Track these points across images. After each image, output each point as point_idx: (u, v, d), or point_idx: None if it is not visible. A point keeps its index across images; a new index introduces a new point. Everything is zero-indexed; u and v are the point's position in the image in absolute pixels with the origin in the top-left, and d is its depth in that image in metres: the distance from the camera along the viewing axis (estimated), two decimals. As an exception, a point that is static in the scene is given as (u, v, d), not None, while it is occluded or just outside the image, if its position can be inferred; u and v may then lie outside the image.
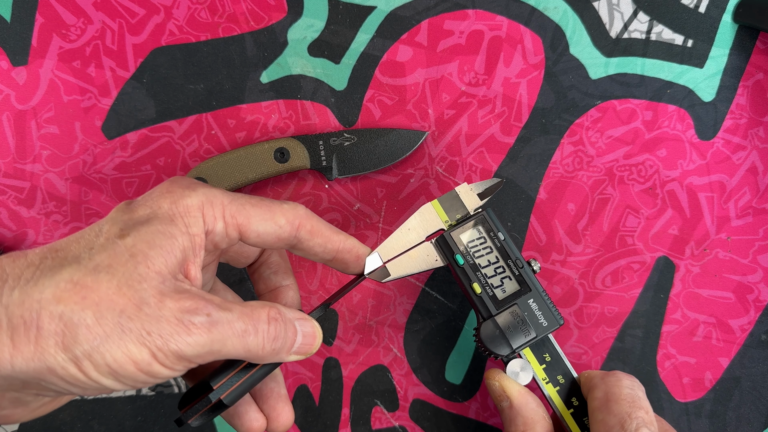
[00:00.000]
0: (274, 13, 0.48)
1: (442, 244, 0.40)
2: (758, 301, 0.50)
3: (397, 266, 0.39)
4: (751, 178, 0.49)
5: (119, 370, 0.26)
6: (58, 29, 0.47)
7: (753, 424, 0.50)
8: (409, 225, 0.40)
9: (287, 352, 0.33)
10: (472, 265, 0.40)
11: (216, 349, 0.28)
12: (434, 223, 0.40)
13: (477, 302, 0.40)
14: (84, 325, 0.26)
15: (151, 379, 0.28)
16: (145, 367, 0.27)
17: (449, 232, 0.40)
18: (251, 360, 0.32)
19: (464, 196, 0.41)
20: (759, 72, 0.49)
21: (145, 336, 0.26)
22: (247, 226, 0.33)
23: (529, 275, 0.40)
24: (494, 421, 0.50)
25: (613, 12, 0.48)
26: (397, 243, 0.40)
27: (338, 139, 0.47)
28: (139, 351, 0.26)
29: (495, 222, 0.40)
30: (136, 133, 0.48)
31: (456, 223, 0.41)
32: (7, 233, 0.48)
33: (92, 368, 0.26)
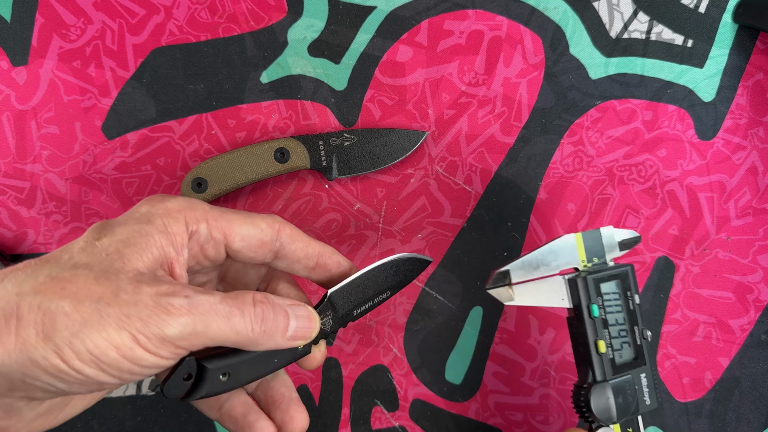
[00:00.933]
0: (274, 13, 0.48)
1: (578, 286, 0.38)
2: (758, 301, 0.50)
3: (522, 292, 0.37)
4: (751, 178, 0.49)
5: (101, 357, 0.26)
6: (58, 29, 0.47)
7: (753, 424, 0.50)
8: (553, 247, 0.38)
9: (282, 335, 0.32)
10: (603, 320, 0.38)
11: (200, 330, 0.28)
12: (573, 258, 0.39)
13: (595, 361, 0.37)
14: (62, 313, 0.26)
15: (138, 367, 0.27)
16: (128, 352, 0.26)
17: (590, 277, 0.37)
18: (245, 346, 0.31)
19: (606, 239, 0.39)
20: (759, 72, 0.49)
21: (124, 320, 0.26)
22: (230, 229, 0.33)
23: (648, 349, 0.38)
24: (494, 421, 0.50)
25: (613, 12, 0.48)
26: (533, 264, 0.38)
27: (338, 139, 0.47)
28: (119, 335, 0.26)
29: (635, 282, 0.38)
30: (136, 133, 0.48)
31: (593, 268, 0.38)
32: (7, 233, 0.48)
33: (74, 357, 0.26)
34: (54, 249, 0.48)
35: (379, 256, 0.49)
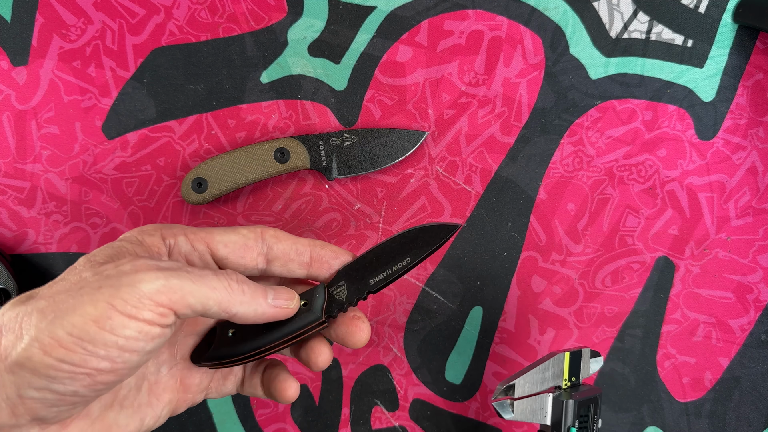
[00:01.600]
0: (274, 13, 0.48)
1: (563, 407, 0.40)
2: (758, 301, 0.50)
3: (521, 408, 0.39)
4: (751, 178, 0.49)
5: (82, 335, 0.26)
6: (58, 29, 0.47)
7: (753, 424, 0.50)
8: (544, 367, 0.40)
9: (263, 298, 0.32)
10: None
11: (175, 284, 0.28)
12: (560, 375, 0.41)
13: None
14: (37, 311, 0.26)
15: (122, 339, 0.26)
16: (107, 322, 0.26)
17: (575, 401, 0.40)
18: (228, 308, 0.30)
19: (585, 362, 0.42)
20: (759, 72, 0.49)
21: (97, 292, 0.26)
22: (211, 239, 0.33)
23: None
24: (494, 421, 0.50)
25: (613, 12, 0.48)
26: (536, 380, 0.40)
27: (338, 139, 0.47)
28: (95, 308, 0.26)
29: (601, 406, 0.41)
30: (136, 133, 0.48)
31: (572, 387, 0.41)
32: (7, 233, 0.48)
33: (56, 345, 0.25)
34: (54, 249, 0.48)
35: (379, 256, 0.49)
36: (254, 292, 0.32)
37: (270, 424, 0.50)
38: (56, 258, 0.48)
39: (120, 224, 0.48)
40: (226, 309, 0.30)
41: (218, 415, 0.50)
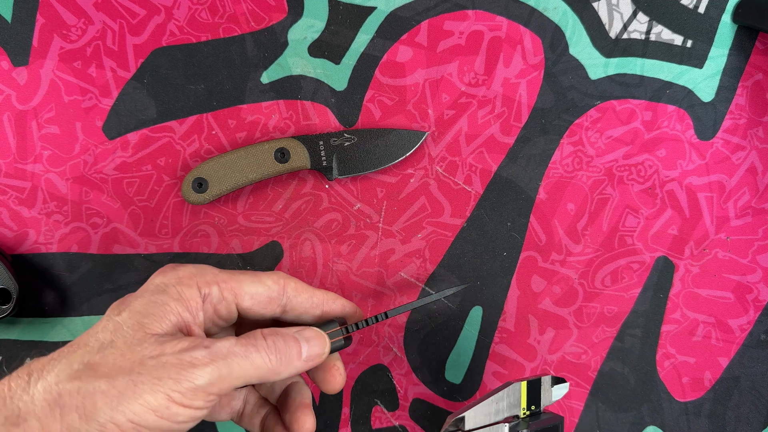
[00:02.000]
0: (274, 14, 0.48)
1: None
2: (757, 301, 0.50)
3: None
4: (751, 178, 0.49)
5: (142, 422, 0.28)
6: (58, 29, 0.47)
7: (752, 424, 0.50)
8: (498, 398, 0.40)
9: (298, 359, 0.34)
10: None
11: (225, 373, 0.30)
12: (516, 405, 0.41)
13: None
14: (100, 392, 0.28)
15: (176, 424, 0.29)
16: (165, 411, 0.28)
17: (529, 431, 0.40)
18: (268, 378, 0.33)
19: (545, 390, 0.42)
20: (758, 72, 0.49)
21: (156, 383, 0.28)
22: (239, 288, 0.36)
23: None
24: (494, 421, 0.50)
25: (612, 12, 0.48)
26: (486, 411, 0.40)
27: (338, 140, 0.47)
28: (154, 398, 0.28)
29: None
30: (136, 133, 0.48)
31: (531, 416, 0.41)
32: (8, 233, 0.48)
33: (116, 429, 0.28)
34: (54, 249, 0.48)
35: (379, 256, 0.49)
36: (290, 357, 0.34)
37: (270, 424, 0.50)
38: (57, 258, 0.48)
39: (120, 224, 0.48)
40: (265, 381, 0.33)
41: (218, 414, 0.50)
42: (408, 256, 0.49)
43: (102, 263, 0.48)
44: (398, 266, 0.49)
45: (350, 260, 0.49)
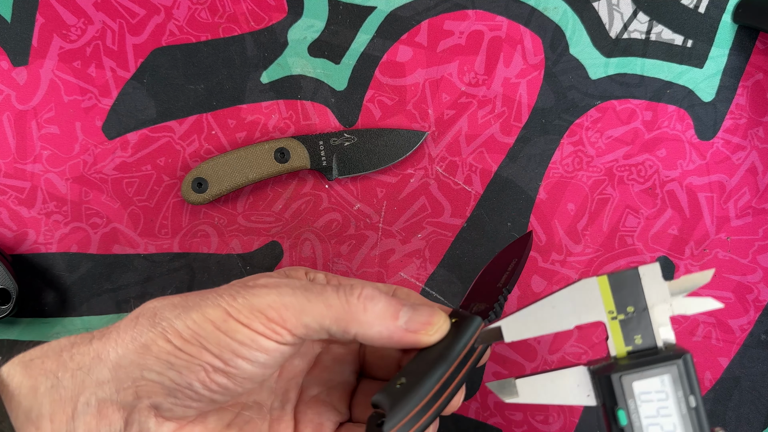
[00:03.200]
0: (274, 14, 0.48)
1: (602, 382, 0.29)
2: (758, 301, 0.50)
3: (531, 387, 0.30)
4: (751, 178, 0.49)
5: (200, 331, 0.28)
6: (58, 29, 0.47)
7: (753, 424, 0.50)
8: (555, 301, 0.30)
9: (391, 318, 0.29)
10: (636, 428, 0.29)
11: (289, 301, 0.29)
12: (592, 309, 0.30)
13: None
14: (171, 305, 0.30)
15: (235, 342, 0.28)
16: (222, 324, 0.28)
17: (619, 376, 0.29)
18: (348, 326, 0.29)
19: (649, 283, 0.29)
20: (759, 72, 0.49)
21: (218, 298, 0.29)
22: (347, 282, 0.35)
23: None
24: (494, 421, 0.50)
25: (612, 12, 0.48)
26: (532, 322, 0.30)
27: (338, 140, 0.47)
28: (213, 311, 0.29)
29: (690, 378, 0.29)
30: (136, 133, 0.48)
31: (631, 359, 0.30)
32: (7, 233, 0.48)
33: (177, 335, 0.28)
34: (54, 249, 0.48)
35: (379, 257, 0.49)
36: (382, 311, 0.30)
37: (270, 424, 0.50)
38: (56, 258, 0.48)
39: (120, 224, 0.48)
40: (345, 329, 0.29)
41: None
42: (408, 257, 0.49)
43: (102, 263, 0.48)
44: (398, 266, 0.49)
45: (350, 260, 0.49)
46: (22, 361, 0.29)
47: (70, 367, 0.29)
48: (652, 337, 0.30)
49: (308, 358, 0.35)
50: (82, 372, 0.28)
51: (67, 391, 0.28)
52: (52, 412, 0.28)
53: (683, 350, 0.30)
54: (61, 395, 0.28)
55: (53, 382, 0.28)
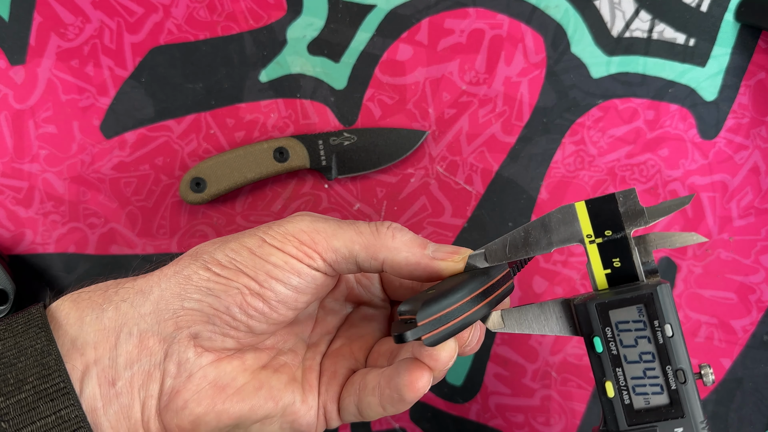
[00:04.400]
0: (273, 12, 0.47)
1: (580, 311, 0.30)
2: (760, 302, 0.50)
3: (516, 318, 0.31)
4: (754, 178, 0.49)
5: (237, 257, 0.30)
6: (56, 28, 0.47)
7: (755, 426, 0.50)
8: (534, 226, 0.31)
9: (420, 247, 0.31)
10: (613, 356, 0.30)
11: (320, 227, 0.31)
12: (571, 234, 0.31)
13: (605, 406, 0.30)
14: (211, 243, 0.32)
15: (270, 265, 0.30)
16: (257, 249, 0.30)
17: (595, 304, 0.30)
18: (378, 257, 0.31)
19: (626, 207, 0.30)
20: (761, 71, 0.49)
21: (256, 230, 0.31)
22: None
23: (691, 396, 0.29)
24: (495, 423, 0.50)
25: (614, 11, 0.48)
26: (512, 247, 0.31)
27: (338, 139, 0.47)
28: (250, 239, 0.31)
29: (666, 307, 0.29)
30: (134, 132, 0.48)
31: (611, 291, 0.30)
32: (5, 233, 0.48)
33: (216, 263, 0.30)
34: (52, 250, 0.48)
35: (379, 257, 0.49)
36: (410, 239, 0.31)
37: (269, 426, 0.50)
38: (54, 258, 0.48)
39: (118, 224, 0.48)
40: (373, 255, 0.31)
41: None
42: (408, 257, 0.49)
43: (100, 264, 0.48)
44: (398, 267, 0.49)
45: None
46: (71, 297, 0.31)
47: (115, 300, 0.30)
48: (630, 261, 0.31)
49: (340, 316, 0.37)
50: (126, 304, 0.30)
51: (110, 322, 0.30)
52: (96, 340, 0.30)
53: (662, 281, 0.30)
54: (105, 325, 0.30)
55: (98, 313, 0.30)
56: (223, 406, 0.31)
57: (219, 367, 0.31)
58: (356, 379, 0.34)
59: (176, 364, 0.30)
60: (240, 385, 0.32)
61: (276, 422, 0.33)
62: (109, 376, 0.29)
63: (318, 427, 0.34)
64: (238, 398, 0.31)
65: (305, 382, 0.34)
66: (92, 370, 0.29)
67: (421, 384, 0.30)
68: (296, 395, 0.33)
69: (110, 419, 0.29)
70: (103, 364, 0.29)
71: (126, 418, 0.30)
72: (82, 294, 0.31)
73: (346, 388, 0.34)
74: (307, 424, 0.33)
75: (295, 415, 0.33)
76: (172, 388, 0.30)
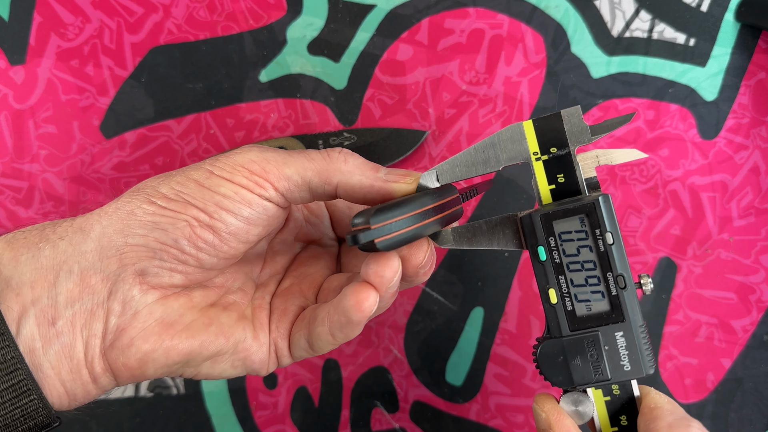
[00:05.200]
0: (273, 12, 0.47)
1: (525, 223, 0.31)
2: (760, 302, 0.50)
3: (464, 234, 0.32)
4: (754, 177, 0.49)
5: (183, 189, 0.29)
6: (56, 28, 0.47)
7: (755, 425, 0.50)
8: (484, 145, 0.31)
9: (373, 170, 0.31)
10: (556, 265, 0.31)
11: (269, 156, 0.30)
12: (519, 151, 0.31)
13: (548, 313, 0.31)
14: (153, 178, 0.30)
15: (219, 196, 0.29)
16: (205, 181, 0.29)
17: (539, 214, 0.31)
18: (330, 175, 0.30)
19: (571, 125, 0.31)
20: (761, 71, 0.49)
21: (201, 162, 0.30)
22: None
23: (630, 301, 0.31)
24: (495, 423, 0.50)
25: (614, 10, 0.48)
26: (463, 165, 0.32)
27: (338, 139, 0.47)
28: (196, 172, 0.30)
29: (608, 216, 0.30)
30: (134, 132, 0.48)
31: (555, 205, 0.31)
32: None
33: (161, 197, 0.29)
34: (52, 249, 0.48)
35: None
36: (363, 163, 0.31)
37: (269, 426, 0.50)
38: (54, 258, 0.48)
39: (118, 224, 0.48)
40: (326, 179, 0.30)
41: (216, 417, 0.49)
42: (408, 257, 0.49)
43: (99, 264, 0.48)
44: (398, 267, 0.49)
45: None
46: (5, 238, 0.30)
47: (52, 239, 0.29)
48: (574, 176, 0.32)
49: (289, 256, 0.37)
50: (65, 242, 0.29)
51: (48, 260, 0.29)
52: (32, 279, 0.28)
53: (603, 192, 0.31)
54: (42, 264, 0.28)
55: (34, 252, 0.29)
56: (171, 342, 0.30)
57: (166, 304, 0.30)
58: (306, 315, 0.33)
59: (121, 302, 0.29)
60: (188, 321, 0.31)
61: (227, 359, 0.32)
62: (48, 316, 0.28)
63: (269, 365, 0.33)
64: (187, 334, 0.30)
65: (255, 321, 0.33)
66: (30, 310, 0.28)
67: (368, 304, 0.29)
68: (247, 332, 0.32)
69: (51, 360, 0.28)
70: (41, 303, 0.28)
71: (68, 358, 0.29)
72: (17, 234, 0.30)
73: (297, 324, 0.33)
74: (260, 361, 0.33)
75: (246, 352, 0.32)
76: (117, 327, 0.29)
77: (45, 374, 0.28)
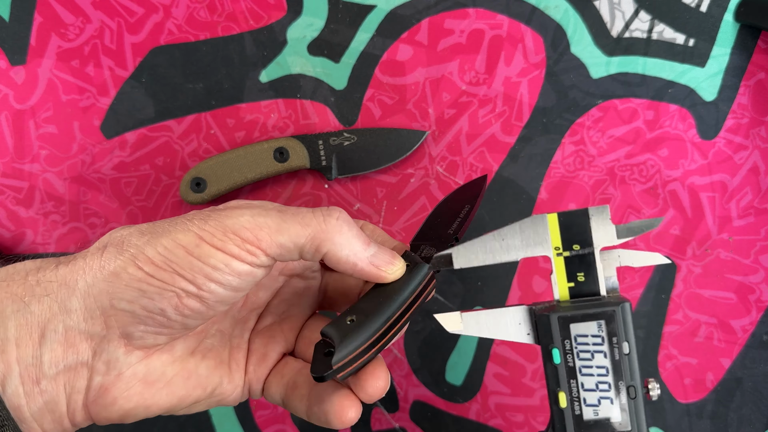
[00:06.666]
0: (273, 12, 0.47)
1: (541, 321, 0.31)
2: (760, 302, 0.50)
3: (475, 321, 0.32)
4: (753, 178, 0.49)
5: (171, 257, 0.28)
6: (56, 28, 0.47)
7: (755, 425, 0.50)
8: (506, 233, 0.31)
9: (364, 245, 0.30)
10: (569, 368, 0.30)
11: (262, 221, 0.29)
12: (540, 244, 0.31)
13: (555, 415, 0.31)
14: (138, 232, 0.29)
15: (209, 267, 0.28)
16: (195, 249, 0.28)
17: (557, 316, 0.30)
18: (321, 249, 0.30)
19: (597, 224, 0.30)
20: (761, 71, 0.49)
21: (188, 223, 0.28)
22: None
23: (639, 411, 0.30)
24: (495, 423, 0.50)
25: (614, 11, 0.48)
26: (481, 251, 0.31)
27: (338, 139, 0.47)
28: (184, 235, 0.28)
29: (626, 325, 0.30)
30: (134, 132, 0.48)
31: (573, 303, 0.31)
32: (5, 233, 0.47)
33: (148, 261, 0.28)
34: (52, 250, 0.48)
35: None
36: (356, 235, 0.30)
37: (269, 425, 0.50)
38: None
39: (119, 224, 0.48)
40: (318, 247, 0.30)
41: (217, 416, 0.49)
42: (408, 257, 0.49)
43: (100, 263, 0.48)
44: (398, 267, 0.49)
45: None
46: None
47: (38, 293, 0.28)
48: (595, 277, 0.31)
49: (271, 291, 0.36)
50: (50, 299, 0.28)
51: (34, 317, 0.28)
52: (18, 336, 0.28)
53: (623, 299, 0.31)
54: (28, 320, 0.28)
55: (19, 306, 0.28)
56: (153, 400, 0.30)
57: (149, 363, 0.30)
58: (285, 371, 0.34)
59: (105, 362, 0.29)
60: (170, 377, 0.31)
61: (203, 403, 0.33)
62: (33, 375, 0.28)
63: (241, 399, 0.34)
64: (167, 391, 0.31)
65: (232, 362, 0.33)
66: (14, 369, 0.28)
67: (349, 417, 0.30)
68: (223, 378, 0.33)
69: (34, 414, 0.28)
70: (26, 362, 0.28)
71: (50, 412, 0.29)
72: (0, 284, 0.29)
73: (274, 374, 0.34)
74: (233, 400, 0.33)
75: (221, 396, 0.33)
76: (101, 385, 0.29)
77: (28, 426, 0.28)
